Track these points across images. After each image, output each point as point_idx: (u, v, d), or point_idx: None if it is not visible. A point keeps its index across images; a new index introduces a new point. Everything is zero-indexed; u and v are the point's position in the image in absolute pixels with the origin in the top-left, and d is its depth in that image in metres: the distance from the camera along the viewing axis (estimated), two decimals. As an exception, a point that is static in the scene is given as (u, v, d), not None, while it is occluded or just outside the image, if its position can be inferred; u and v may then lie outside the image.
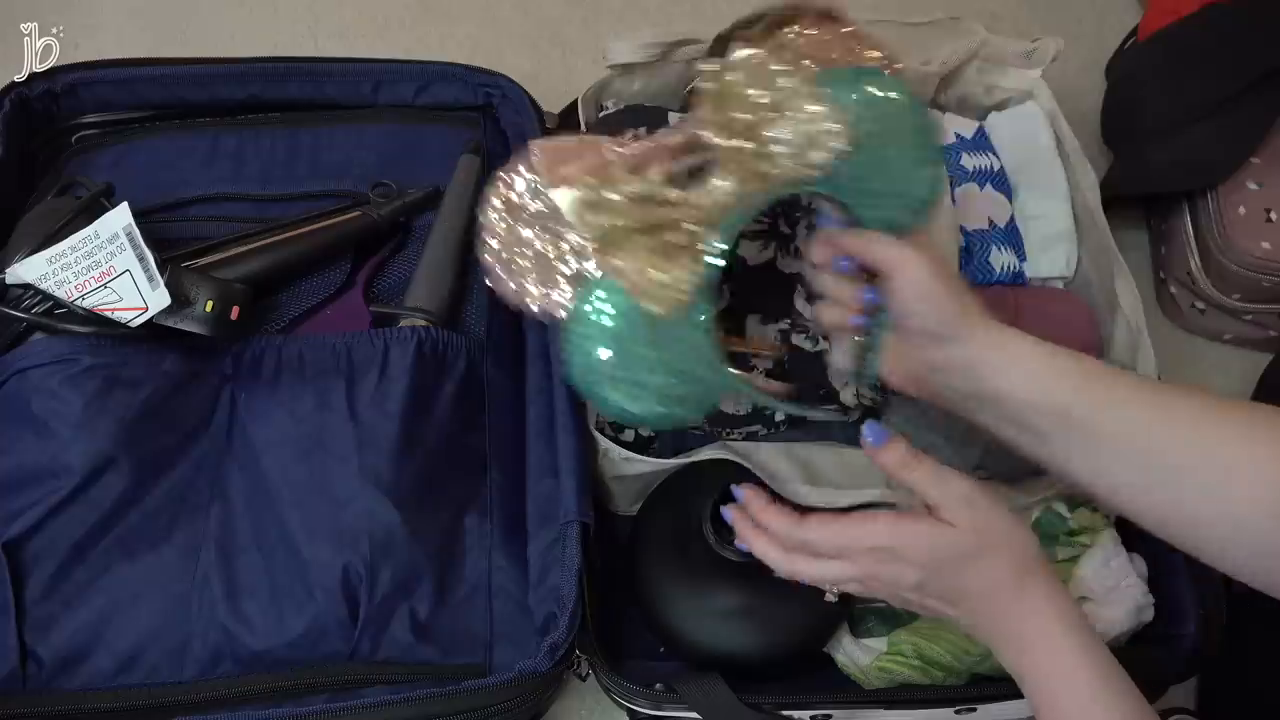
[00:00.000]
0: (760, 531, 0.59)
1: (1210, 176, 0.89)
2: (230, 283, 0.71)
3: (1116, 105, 1.01)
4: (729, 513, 0.61)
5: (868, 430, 0.57)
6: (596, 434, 0.72)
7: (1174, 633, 0.71)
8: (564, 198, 0.59)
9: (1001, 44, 0.89)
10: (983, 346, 0.59)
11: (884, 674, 0.69)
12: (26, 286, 0.67)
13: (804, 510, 0.58)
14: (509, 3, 1.12)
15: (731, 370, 0.61)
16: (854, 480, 0.71)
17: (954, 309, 0.59)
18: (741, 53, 0.61)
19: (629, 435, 0.75)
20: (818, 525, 0.56)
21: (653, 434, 0.75)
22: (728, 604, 0.68)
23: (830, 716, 0.68)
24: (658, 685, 0.67)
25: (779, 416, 0.74)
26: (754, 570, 0.65)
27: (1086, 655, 0.53)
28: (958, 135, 0.89)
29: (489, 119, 0.89)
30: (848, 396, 0.74)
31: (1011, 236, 0.85)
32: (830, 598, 0.61)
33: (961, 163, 0.87)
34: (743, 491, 0.61)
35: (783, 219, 0.80)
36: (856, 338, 0.64)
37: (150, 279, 0.67)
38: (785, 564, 0.58)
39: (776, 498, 0.60)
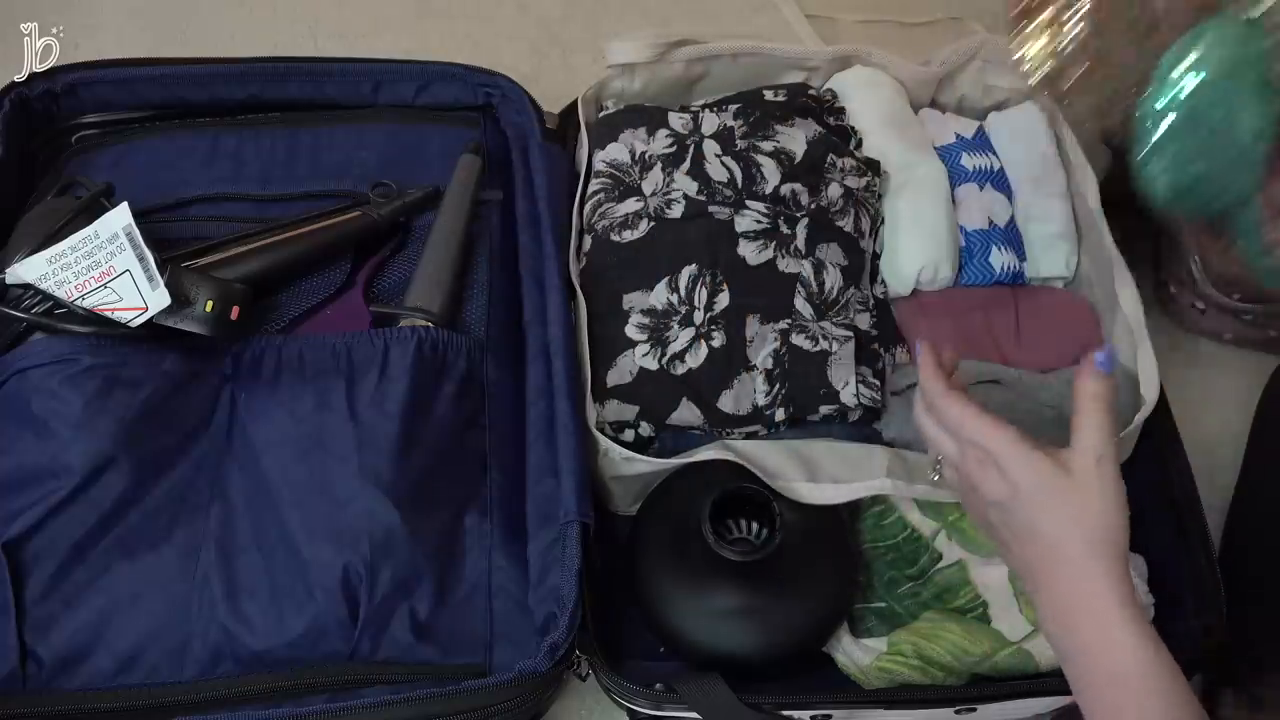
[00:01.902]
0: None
1: None
2: (230, 283, 0.71)
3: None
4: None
5: (1101, 357, 0.58)
6: (596, 434, 0.72)
7: (1174, 631, 0.71)
8: None
9: (1001, 44, 0.89)
10: None
11: (884, 674, 0.69)
12: (26, 286, 0.67)
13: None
14: (509, 3, 1.12)
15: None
16: (854, 474, 0.71)
17: None
18: None
19: (629, 435, 0.75)
20: (952, 400, 0.60)
21: (653, 434, 0.75)
22: (727, 604, 0.68)
23: (830, 716, 0.68)
24: (658, 685, 0.67)
25: (778, 416, 0.74)
26: (754, 570, 0.66)
27: (1140, 635, 0.53)
28: (958, 135, 0.89)
29: (489, 119, 0.89)
30: (848, 396, 0.74)
31: (1011, 236, 0.85)
32: (933, 476, 0.65)
33: (961, 163, 0.87)
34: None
35: (783, 219, 0.80)
36: None
37: (150, 279, 0.67)
38: (920, 411, 0.63)
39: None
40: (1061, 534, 0.55)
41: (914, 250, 0.81)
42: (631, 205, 0.81)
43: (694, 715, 0.67)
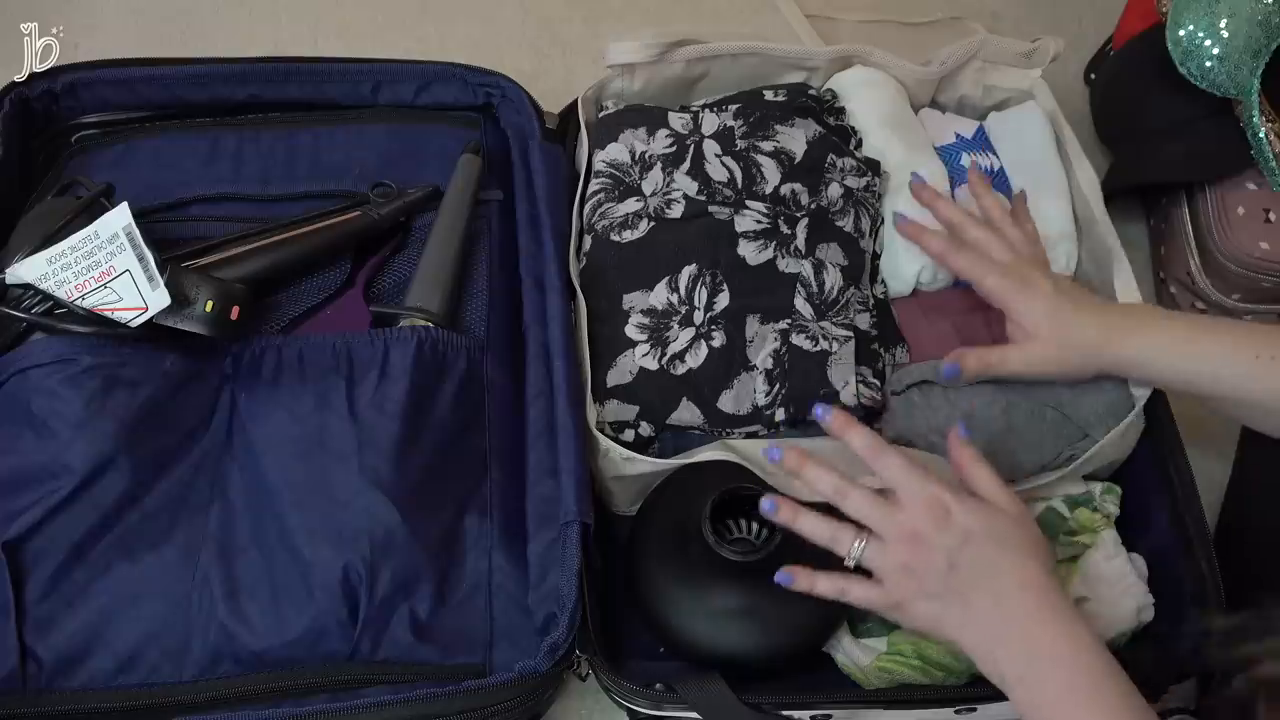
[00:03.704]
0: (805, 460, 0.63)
1: (1224, 167, 0.89)
2: (230, 283, 0.71)
3: (1116, 103, 1.01)
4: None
5: (958, 428, 0.65)
6: (597, 434, 0.72)
7: (1174, 632, 0.71)
8: None
9: (1001, 44, 0.89)
10: (1119, 362, 0.69)
11: (884, 674, 0.69)
12: (26, 286, 0.67)
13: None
14: (509, 3, 1.12)
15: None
16: (854, 471, 0.70)
17: (1080, 367, 0.70)
18: None
19: (629, 435, 0.75)
20: (891, 452, 0.62)
21: (653, 434, 0.75)
22: (727, 604, 0.68)
23: (830, 716, 0.68)
24: (658, 685, 0.67)
25: (779, 416, 0.74)
26: (753, 570, 0.66)
27: (1093, 652, 0.56)
28: (958, 135, 0.89)
29: (489, 119, 0.89)
30: (848, 396, 0.74)
31: (1011, 236, 0.85)
32: (849, 562, 0.62)
33: (961, 163, 0.87)
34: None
35: (783, 219, 0.80)
36: None
37: (150, 279, 0.67)
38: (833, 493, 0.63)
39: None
40: (1022, 567, 0.58)
41: (914, 250, 0.81)
42: (631, 205, 0.81)
43: (694, 715, 0.67)
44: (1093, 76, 1.07)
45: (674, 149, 0.83)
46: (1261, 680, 0.51)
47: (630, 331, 0.77)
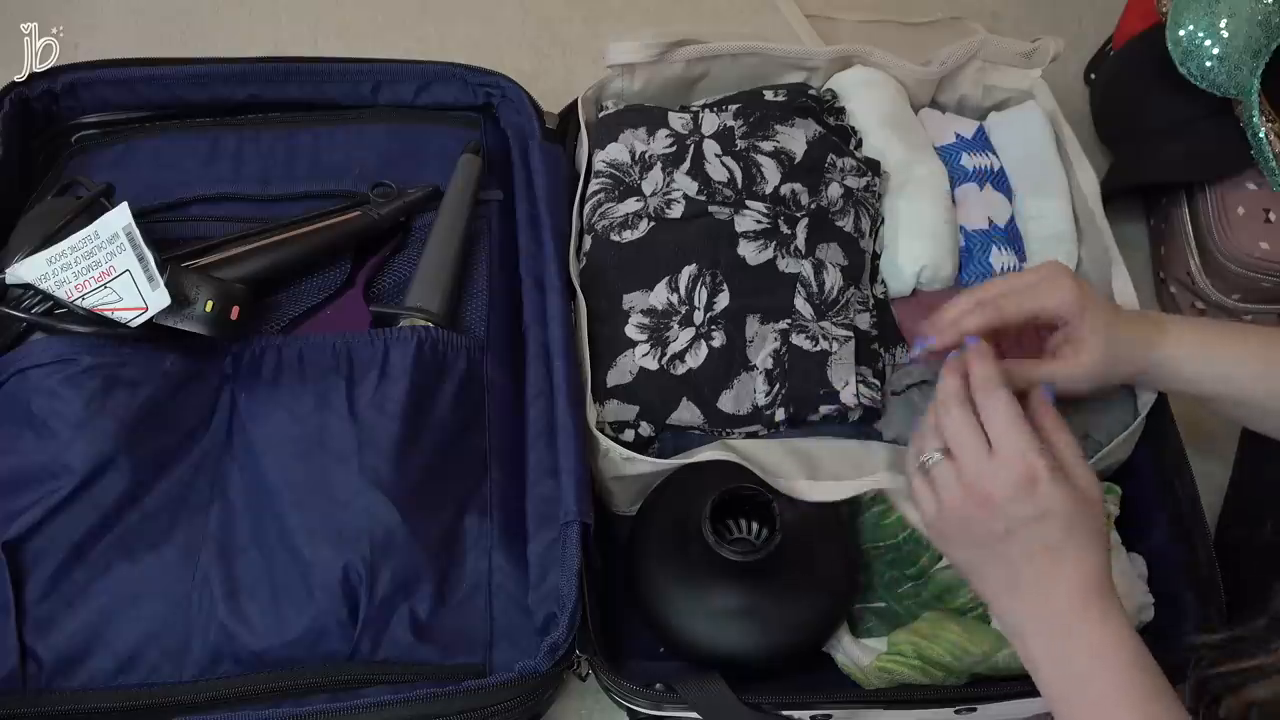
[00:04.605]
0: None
1: (1224, 167, 0.89)
2: (230, 283, 0.71)
3: (1116, 103, 1.01)
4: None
5: (1046, 391, 0.61)
6: (597, 434, 0.72)
7: (1174, 632, 0.71)
8: None
9: (1001, 44, 0.89)
10: (1151, 375, 0.67)
11: (884, 674, 0.69)
12: (26, 286, 0.67)
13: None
14: (509, 3, 1.12)
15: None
16: (855, 470, 0.71)
17: (1128, 370, 0.67)
18: None
19: (629, 435, 0.75)
20: (1003, 401, 0.58)
21: (653, 434, 0.75)
22: (727, 604, 0.68)
23: (830, 716, 0.68)
24: (658, 685, 0.67)
25: (779, 416, 0.74)
26: (754, 570, 0.66)
27: (1141, 662, 0.55)
28: (958, 135, 0.89)
29: (489, 119, 0.89)
30: (848, 396, 0.74)
31: (1011, 236, 0.85)
32: (921, 459, 0.60)
33: (961, 163, 0.87)
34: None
35: (783, 219, 0.80)
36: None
37: (150, 279, 0.67)
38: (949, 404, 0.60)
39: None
40: (1083, 555, 0.57)
41: (914, 250, 0.81)
42: (631, 205, 0.81)
43: (694, 715, 0.67)
44: (1093, 76, 1.07)
45: (674, 149, 0.83)
46: (1251, 703, 0.51)
47: (630, 331, 0.77)
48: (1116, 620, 0.55)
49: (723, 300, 0.78)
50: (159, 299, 0.67)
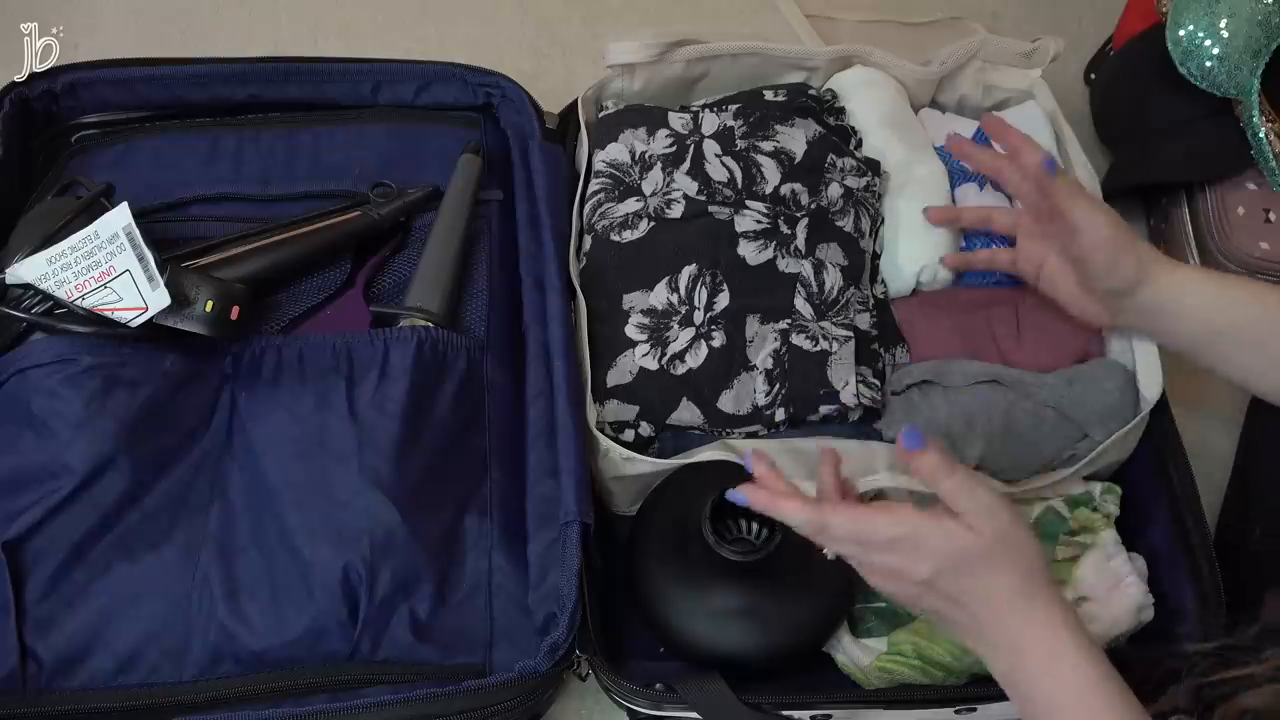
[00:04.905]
0: (780, 498, 0.59)
1: (1224, 167, 0.89)
2: (230, 283, 0.71)
3: (1116, 103, 1.01)
4: (739, 495, 0.60)
5: (905, 436, 0.57)
6: (597, 434, 0.72)
7: (1174, 632, 0.71)
8: None
9: (1001, 44, 0.89)
10: (1156, 297, 0.69)
11: (884, 674, 0.69)
12: (26, 286, 0.67)
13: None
14: (509, 3, 1.12)
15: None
16: (855, 469, 0.71)
17: (1131, 269, 0.68)
18: None
19: (629, 435, 0.75)
20: (841, 512, 0.57)
21: (653, 434, 0.75)
22: (727, 604, 0.68)
23: (830, 716, 0.68)
24: (658, 685, 0.67)
25: (779, 416, 0.74)
26: (754, 570, 0.66)
27: (1086, 654, 0.54)
28: (958, 135, 0.88)
29: (489, 119, 0.89)
30: (848, 396, 0.74)
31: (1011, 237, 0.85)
32: (829, 554, 0.60)
33: (961, 163, 0.87)
34: (740, 494, 0.60)
35: (783, 219, 0.80)
36: None
37: (150, 279, 0.67)
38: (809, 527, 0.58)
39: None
40: (997, 587, 0.56)
41: (914, 250, 0.81)
42: (631, 205, 0.81)
43: (694, 715, 0.67)
44: (1093, 76, 1.07)
45: (674, 149, 0.83)
46: (1244, 710, 0.51)
47: (630, 331, 0.77)
48: (1056, 623, 0.55)
49: (723, 300, 0.78)
50: (159, 299, 0.67)
